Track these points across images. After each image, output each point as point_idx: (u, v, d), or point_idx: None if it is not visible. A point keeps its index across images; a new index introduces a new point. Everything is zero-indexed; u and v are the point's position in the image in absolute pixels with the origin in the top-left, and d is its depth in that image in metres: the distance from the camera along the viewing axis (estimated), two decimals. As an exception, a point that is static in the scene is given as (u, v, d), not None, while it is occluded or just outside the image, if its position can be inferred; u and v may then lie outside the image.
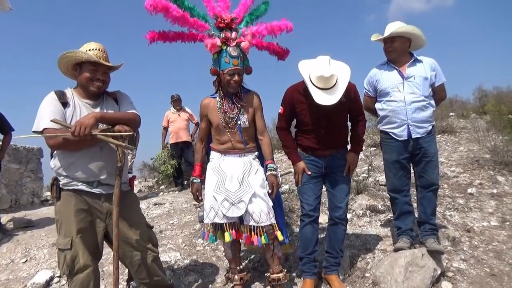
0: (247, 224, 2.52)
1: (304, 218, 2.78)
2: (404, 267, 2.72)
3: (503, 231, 3.66)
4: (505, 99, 11.41)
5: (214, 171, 2.62)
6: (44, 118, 2.04)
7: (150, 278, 2.32)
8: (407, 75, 2.94)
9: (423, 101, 2.91)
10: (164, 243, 3.95)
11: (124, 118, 2.20)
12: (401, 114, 2.93)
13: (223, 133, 2.63)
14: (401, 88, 2.93)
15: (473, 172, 5.65)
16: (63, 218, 2.13)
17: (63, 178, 2.15)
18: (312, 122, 2.69)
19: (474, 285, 2.77)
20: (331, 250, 2.83)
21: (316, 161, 2.77)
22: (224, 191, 2.51)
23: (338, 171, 2.79)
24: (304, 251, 2.79)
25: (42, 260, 3.78)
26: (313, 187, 2.76)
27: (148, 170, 9.56)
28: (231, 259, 2.76)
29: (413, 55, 3.04)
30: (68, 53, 2.13)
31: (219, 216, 2.51)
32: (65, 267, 2.07)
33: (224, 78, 2.53)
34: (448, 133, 8.98)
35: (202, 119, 2.73)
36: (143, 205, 5.99)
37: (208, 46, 2.53)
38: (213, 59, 2.59)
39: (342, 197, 2.77)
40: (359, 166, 6.49)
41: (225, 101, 2.62)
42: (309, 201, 2.74)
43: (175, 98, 7.26)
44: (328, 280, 2.82)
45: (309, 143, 2.76)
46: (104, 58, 2.21)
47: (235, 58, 2.51)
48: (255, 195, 2.52)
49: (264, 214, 2.49)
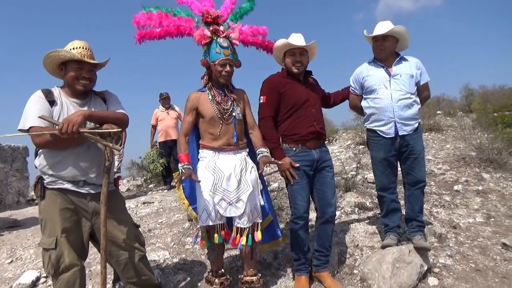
0: (236, 226, 2.50)
1: (298, 220, 2.72)
2: (391, 264, 2.75)
3: (488, 227, 3.72)
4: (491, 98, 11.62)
5: (208, 170, 2.48)
6: (31, 116, 2.01)
7: (137, 277, 2.30)
8: (394, 73, 2.97)
9: (410, 99, 2.94)
10: (153, 242, 3.93)
11: (112, 117, 2.18)
12: (388, 112, 2.95)
13: (217, 126, 2.51)
14: (388, 85, 2.95)
15: (459, 169, 5.74)
16: (47, 218, 2.10)
17: (48, 177, 2.12)
18: (302, 99, 2.74)
19: (460, 280, 2.82)
20: (322, 249, 2.83)
21: (308, 155, 2.73)
22: (221, 190, 2.44)
23: (326, 165, 2.82)
24: (300, 252, 2.78)
25: (28, 261, 3.73)
26: (306, 187, 2.73)
27: (136, 169, 9.47)
28: (214, 262, 2.68)
29: (399, 54, 3.08)
30: (52, 53, 2.10)
31: (211, 219, 2.47)
32: (50, 267, 2.04)
33: (216, 69, 2.47)
34: (435, 131, 9.09)
35: (189, 112, 2.56)
36: (132, 204, 5.94)
37: (197, 37, 2.48)
38: (203, 51, 2.54)
39: (332, 193, 2.80)
40: (347, 164, 6.54)
41: (216, 93, 2.55)
42: (302, 203, 2.70)
43: (164, 96, 7.20)
44: (320, 278, 2.82)
45: (303, 126, 2.72)
46: (88, 56, 2.17)
47: (226, 48, 2.47)
48: (252, 193, 2.50)
49: (252, 214, 2.49)
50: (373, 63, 3.10)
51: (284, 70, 2.88)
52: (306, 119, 2.73)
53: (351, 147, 8.67)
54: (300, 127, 2.72)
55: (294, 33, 2.82)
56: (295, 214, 2.73)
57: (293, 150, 2.74)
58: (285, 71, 2.85)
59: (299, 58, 2.76)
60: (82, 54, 2.14)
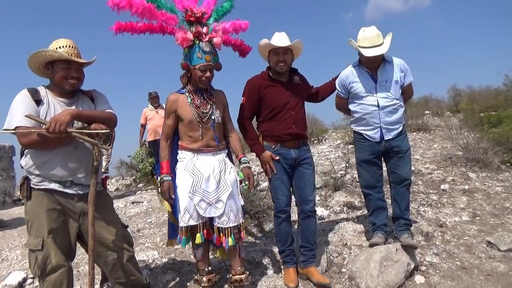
0: (216, 226, 2.51)
1: (280, 214, 2.83)
2: (379, 262, 2.78)
3: (474, 226, 3.79)
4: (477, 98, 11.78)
5: (187, 171, 2.48)
6: (17, 116, 1.98)
7: (125, 277, 2.28)
8: (380, 80, 2.99)
9: (395, 104, 2.98)
10: (142, 241, 3.91)
11: (100, 117, 2.15)
12: (374, 118, 2.99)
13: (196, 129, 2.51)
14: (374, 93, 2.99)
15: (446, 169, 5.82)
16: (33, 218, 2.07)
17: (35, 177, 2.09)
18: (282, 102, 2.80)
19: (446, 278, 2.86)
20: (306, 244, 2.89)
21: (287, 153, 2.82)
22: (201, 191, 2.45)
23: (305, 163, 2.88)
24: (284, 244, 2.88)
25: (15, 261, 3.67)
26: (286, 182, 2.84)
27: (125, 168, 9.40)
28: (200, 260, 2.67)
29: (384, 58, 3.04)
30: (38, 53, 2.06)
31: (193, 218, 2.47)
32: (36, 268, 2.02)
33: (196, 74, 2.44)
34: (423, 131, 9.20)
35: (169, 115, 2.54)
36: (121, 204, 5.89)
37: (179, 40, 2.41)
38: (184, 53, 2.48)
39: (311, 189, 2.86)
40: (337, 163, 6.58)
41: (195, 97, 2.52)
42: (283, 197, 2.81)
43: (152, 96, 7.15)
44: (308, 273, 2.85)
45: (281, 128, 2.80)
46: (75, 55, 2.14)
47: (207, 53, 2.42)
48: (232, 194, 2.51)
49: (233, 214, 2.50)
50: (358, 67, 3.08)
51: (266, 71, 2.93)
52: (284, 121, 2.81)
53: (341, 147, 8.73)
54: (278, 129, 2.82)
55: (278, 32, 2.84)
56: (277, 208, 2.84)
57: (272, 148, 2.84)
58: (267, 72, 2.90)
59: (282, 58, 2.79)
60: (69, 53, 2.10)
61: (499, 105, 9.50)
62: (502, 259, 3.09)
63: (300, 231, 2.92)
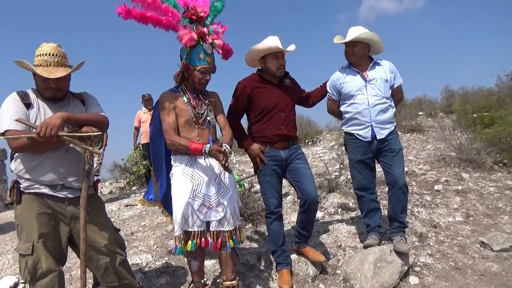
0: (214, 231, 2.41)
1: (271, 215, 2.88)
2: (373, 263, 2.79)
3: (467, 226, 3.81)
4: (470, 99, 11.84)
5: (186, 176, 2.37)
6: (6, 120, 1.95)
7: (118, 281, 2.25)
8: (369, 78, 3.02)
9: (385, 103, 3.00)
10: (136, 245, 3.88)
11: (92, 120, 2.13)
12: (365, 117, 3.01)
13: (192, 131, 2.42)
14: (364, 91, 3.01)
15: (440, 169, 5.85)
16: (23, 223, 2.05)
17: (25, 181, 2.07)
18: (272, 104, 2.81)
19: (440, 278, 2.87)
20: (303, 231, 3.00)
21: (276, 156, 2.83)
22: (201, 196, 2.36)
23: (297, 159, 2.89)
24: (276, 244, 2.91)
25: (6, 266, 3.63)
26: (275, 185, 2.87)
27: (119, 171, 9.33)
28: (196, 272, 2.56)
29: (373, 59, 3.13)
30: (19, 62, 2.02)
31: (188, 224, 2.36)
32: (26, 273, 1.99)
33: (195, 75, 2.37)
34: (417, 132, 9.24)
35: (168, 112, 2.39)
36: (114, 207, 5.85)
37: (184, 39, 2.27)
38: (185, 52, 2.37)
39: (312, 183, 2.83)
40: (331, 165, 6.59)
41: (191, 97, 2.46)
42: (274, 199, 2.85)
43: (146, 98, 7.12)
44: (304, 252, 3.04)
45: (270, 129, 2.81)
46: (55, 64, 2.04)
47: (209, 55, 2.36)
48: (232, 196, 2.46)
49: (233, 217, 2.45)
50: (348, 68, 3.13)
51: (257, 73, 2.93)
52: (274, 123, 2.83)
53: (335, 148, 8.74)
54: (267, 130, 2.84)
55: (271, 35, 2.83)
56: (268, 210, 2.91)
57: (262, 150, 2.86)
58: (258, 74, 2.91)
59: (282, 62, 2.82)
60: (48, 62, 2.02)
61: (492, 106, 9.56)
62: (496, 259, 3.11)
63: (299, 219, 2.97)
